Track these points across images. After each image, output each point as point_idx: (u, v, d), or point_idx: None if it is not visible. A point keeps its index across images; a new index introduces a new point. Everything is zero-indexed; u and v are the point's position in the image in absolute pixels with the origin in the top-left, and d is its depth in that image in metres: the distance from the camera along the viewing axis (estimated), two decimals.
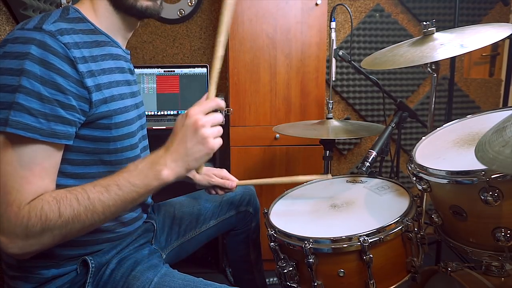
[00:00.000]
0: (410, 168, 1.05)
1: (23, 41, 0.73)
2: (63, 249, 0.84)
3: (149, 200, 1.04)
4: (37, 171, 0.72)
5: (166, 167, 0.76)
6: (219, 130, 0.80)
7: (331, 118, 1.58)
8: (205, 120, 0.77)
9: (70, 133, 0.77)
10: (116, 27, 0.92)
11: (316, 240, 0.95)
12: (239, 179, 1.23)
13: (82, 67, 0.78)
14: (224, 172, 1.22)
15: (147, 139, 1.06)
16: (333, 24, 1.56)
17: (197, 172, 0.81)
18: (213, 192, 1.22)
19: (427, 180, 0.99)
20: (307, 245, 0.93)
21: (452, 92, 1.89)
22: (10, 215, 0.69)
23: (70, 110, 0.76)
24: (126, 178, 0.75)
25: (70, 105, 0.76)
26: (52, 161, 0.76)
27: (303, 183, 1.31)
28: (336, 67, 1.58)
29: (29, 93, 0.71)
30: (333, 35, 1.56)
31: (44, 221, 0.70)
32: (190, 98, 1.97)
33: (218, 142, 0.79)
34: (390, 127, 1.35)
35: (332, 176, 1.26)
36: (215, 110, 0.81)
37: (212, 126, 0.79)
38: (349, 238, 0.93)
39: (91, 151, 0.84)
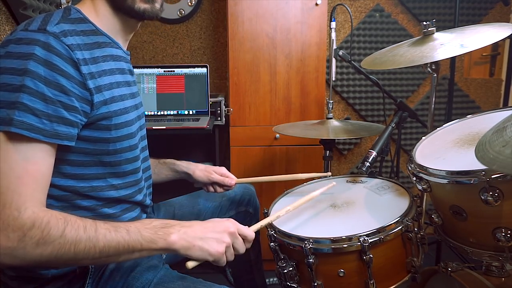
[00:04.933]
0: (410, 168, 1.05)
1: (27, 42, 0.73)
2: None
3: (148, 201, 1.04)
4: (32, 172, 0.72)
5: (178, 233, 0.78)
6: (232, 253, 0.84)
7: (331, 118, 1.58)
8: (235, 235, 0.84)
9: (72, 134, 0.78)
10: (116, 28, 0.92)
11: (316, 240, 0.95)
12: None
13: (84, 69, 0.78)
14: (223, 169, 1.22)
15: (147, 140, 1.06)
16: (333, 24, 1.56)
17: (186, 264, 0.82)
18: (212, 189, 1.22)
19: (427, 180, 0.99)
20: (307, 245, 0.93)
21: (452, 92, 1.90)
22: (8, 218, 0.68)
23: (72, 111, 0.76)
24: (138, 227, 0.76)
25: (73, 107, 0.76)
26: (48, 162, 0.75)
27: (302, 181, 1.30)
28: (336, 67, 1.58)
29: (33, 93, 0.71)
30: (333, 35, 1.56)
31: (45, 235, 0.68)
32: (190, 98, 1.97)
33: (224, 258, 0.82)
34: (390, 127, 1.35)
35: (331, 173, 1.26)
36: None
37: (235, 246, 0.84)
38: (349, 238, 0.93)
39: (91, 152, 0.84)
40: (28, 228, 0.68)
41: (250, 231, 0.88)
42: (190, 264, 0.81)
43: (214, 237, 0.80)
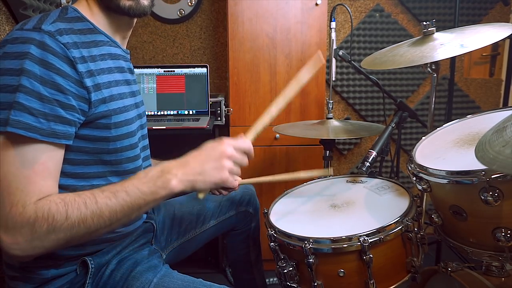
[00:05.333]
0: (410, 168, 1.05)
1: (22, 41, 0.73)
2: (63, 249, 0.84)
3: None
4: (39, 170, 0.72)
5: (176, 178, 0.77)
6: (238, 171, 0.83)
7: (331, 118, 1.58)
8: (233, 154, 0.81)
9: (70, 133, 0.77)
10: (112, 27, 0.92)
11: (316, 240, 0.95)
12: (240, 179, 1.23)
13: (81, 67, 0.78)
14: None
15: (147, 139, 1.06)
16: (333, 24, 1.56)
17: (197, 196, 0.82)
18: (217, 192, 1.21)
19: (427, 180, 0.99)
20: (307, 245, 0.93)
21: (452, 92, 1.90)
22: (15, 215, 0.69)
23: (69, 110, 0.76)
24: (135, 184, 0.76)
25: (70, 105, 0.76)
26: (54, 160, 0.76)
27: (304, 179, 1.30)
28: (336, 67, 1.58)
29: (29, 92, 0.71)
30: (333, 35, 1.56)
31: (51, 222, 0.69)
32: (190, 98, 1.97)
33: (232, 179, 0.81)
34: (390, 127, 1.35)
35: (332, 171, 1.26)
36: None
37: (236, 162, 0.82)
38: (349, 238, 0.93)
39: (90, 150, 0.84)
40: (33, 220, 0.69)
41: (246, 143, 0.86)
42: (201, 196, 0.81)
43: (213, 166, 0.79)
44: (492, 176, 0.84)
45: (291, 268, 0.99)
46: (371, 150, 1.28)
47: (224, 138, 0.84)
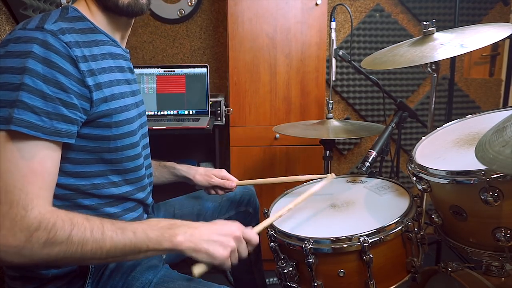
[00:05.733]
0: (410, 168, 1.05)
1: (25, 41, 0.73)
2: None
3: (150, 199, 1.04)
4: (38, 170, 0.72)
5: (184, 236, 0.78)
6: (237, 257, 0.84)
7: (331, 118, 1.58)
8: (240, 238, 0.84)
9: (72, 131, 0.78)
10: (111, 26, 0.92)
11: (316, 240, 0.95)
12: (239, 179, 1.23)
13: (83, 66, 0.78)
14: (223, 172, 1.22)
15: (148, 137, 1.06)
16: (333, 24, 1.56)
17: (193, 271, 0.81)
18: (213, 192, 1.22)
19: (427, 180, 0.99)
20: (307, 245, 0.93)
21: (452, 92, 1.90)
22: (15, 217, 0.68)
23: (72, 108, 0.76)
24: (144, 229, 0.76)
25: (72, 104, 0.76)
26: (53, 160, 0.76)
27: (303, 182, 1.30)
28: (336, 67, 1.58)
29: (32, 91, 0.71)
30: (333, 35, 1.56)
31: (52, 236, 0.69)
32: (190, 98, 1.97)
33: (228, 262, 0.82)
34: (390, 127, 1.35)
35: (334, 175, 1.25)
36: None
37: (239, 249, 0.84)
38: (349, 238, 0.93)
39: (91, 149, 0.84)
40: (34, 229, 0.68)
41: (254, 235, 0.87)
42: (197, 272, 0.81)
43: (220, 240, 0.80)
44: (492, 176, 0.84)
45: (291, 268, 0.99)
46: (371, 150, 1.28)
47: (237, 222, 0.87)
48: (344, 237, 0.93)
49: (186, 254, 0.78)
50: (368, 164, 1.25)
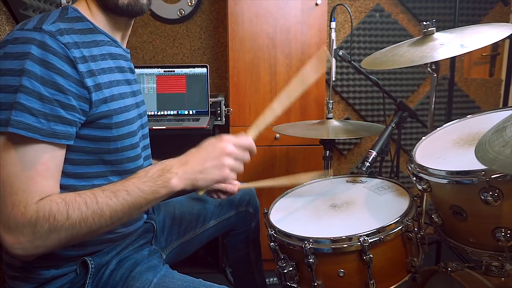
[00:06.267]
0: (410, 168, 1.05)
1: (23, 41, 0.73)
2: (63, 249, 0.84)
3: None
4: (41, 170, 0.72)
5: (177, 176, 0.77)
6: (241, 167, 0.83)
7: (331, 118, 1.58)
8: (233, 151, 0.82)
9: (70, 133, 0.77)
10: (111, 26, 0.92)
11: (316, 240, 0.95)
12: (240, 180, 1.23)
13: (82, 67, 0.78)
14: None
15: (148, 138, 1.06)
16: (333, 24, 1.56)
17: (197, 192, 0.81)
18: (215, 196, 1.21)
19: (427, 180, 0.99)
20: (307, 245, 0.93)
21: (452, 92, 1.90)
22: (17, 215, 0.69)
23: (70, 110, 0.76)
24: (136, 184, 0.76)
25: (70, 105, 0.76)
26: (55, 161, 0.76)
27: (305, 182, 1.30)
28: (336, 67, 1.58)
29: (30, 93, 0.71)
30: (333, 35, 1.56)
31: (52, 222, 0.70)
32: (190, 98, 1.97)
33: (233, 175, 0.81)
34: (390, 127, 1.35)
35: (332, 172, 1.26)
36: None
37: (237, 159, 0.82)
38: (349, 238, 0.93)
39: (91, 150, 0.84)
40: (35, 220, 0.69)
41: (247, 140, 0.86)
42: (201, 192, 0.82)
43: (213, 164, 0.80)
44: (492, 176, 0.84)
45: (291, 268, 0.99)
46: (371, 150, 1.28)
47: (224, 135, 0.84)
48: (344, 237, 0.93)
49: (187, 190, 0.79)
50: (368, 164, 1.25)
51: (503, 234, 0.88)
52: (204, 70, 1.97)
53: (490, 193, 0.85)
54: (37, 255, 0.73)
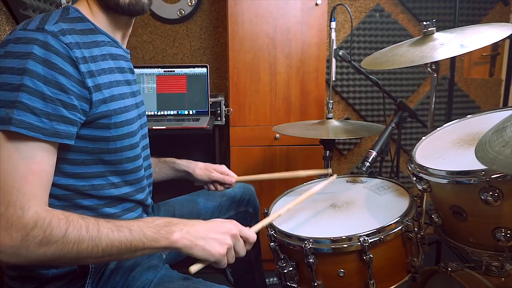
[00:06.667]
0: (410, 168, 1.05)
1: (25, 41, 0.73)
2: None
3: (149, 200, 1.04)
4: (36, 170, 0.72)
5: (180, 232, 0.78)
6: (233, 256, 0.84)
7: (331, 118, 1.58)
8: (237, 237, 0.84)
9: (72, 132, 0.78)
10: (112, 26, 0.92)
11: (316, 240, 0.95)
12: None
13: (83, 67, 0.78)
14: (223, 167, 1.23)
15: (148, 138, 1.06)
16: (333, 24, 1.56)
17: (189, 269, 0.82)
18: (212, 187, 1.22)
19: (427, 180, 0.99)
20: (307, 245, 0.93)
21: (452, 92, 1.90)
22: (12, 217, 0.68)
23: (72, 110, 0.76)
24: (140, 226, 0.76)
25: (72, 105, 0.76)
26: (50, 161, 0.76)
27: (303, 180, 1.30)
28: (336, 67, 1.58)
29: (32, 92, 0.71)
30: (333, 35, 1.56)
31: (48, 234, 0.68)
32: (190, 98, 1.97)
33: (225, 260, 0.82)
34: (390, 127, 1.35)
35: (332, 171, 1.26)
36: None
37: (236, 248, 0.84)
38: (349, 238, 0.93)
39: (90, 150, 0.84)
40: (30, 227, 0.68)
41: (252, 233, 0.88)
42: (193, 269, 0.81)
43: (216, 237, 0.81)
44: (492, 176, 0.84)
45: (291, 268, 0.99)
46: (371, 150, 1.28)
47: (234, 221, 0.87)
48: (344, 237, 0.93)
49: (183, 251, 0.78)
50: (368, 164, 1.25)
51: (503, 234, 0.88)
52: (204, 70, 1.97)
53: (490, 193, 0.85)
54: (13, 264, 0.71)
